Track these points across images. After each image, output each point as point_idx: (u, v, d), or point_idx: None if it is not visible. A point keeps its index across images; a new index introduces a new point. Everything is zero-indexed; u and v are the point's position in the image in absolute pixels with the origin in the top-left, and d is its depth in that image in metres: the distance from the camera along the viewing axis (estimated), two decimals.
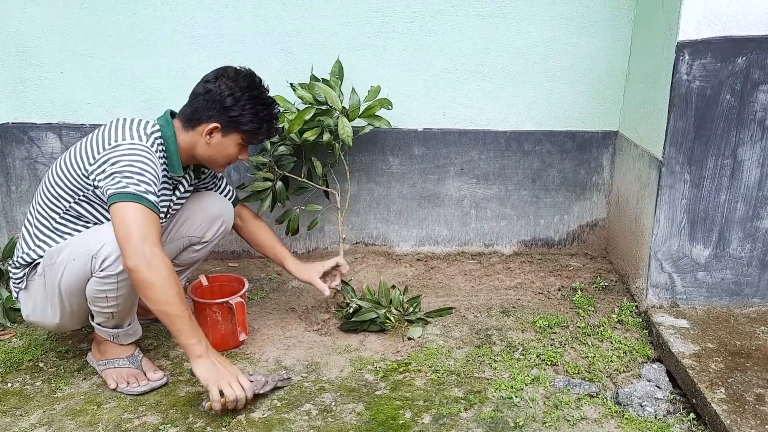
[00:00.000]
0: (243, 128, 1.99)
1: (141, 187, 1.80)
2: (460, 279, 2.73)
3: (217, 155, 2.03)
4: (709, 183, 2.25)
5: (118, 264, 1.82)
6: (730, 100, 2.16)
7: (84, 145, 1.93)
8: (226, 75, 1.98)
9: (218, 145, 2.01)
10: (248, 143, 2.07)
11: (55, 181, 1.95)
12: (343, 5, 2.59)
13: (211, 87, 1.96)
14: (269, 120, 2.03)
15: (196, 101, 1.98)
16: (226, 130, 1.99)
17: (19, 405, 1.95)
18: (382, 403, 1.95)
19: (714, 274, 2.34)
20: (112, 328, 2.00)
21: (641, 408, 1.93)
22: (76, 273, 1.85)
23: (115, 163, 1.83)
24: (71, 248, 1.86)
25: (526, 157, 2.82)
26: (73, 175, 1.91)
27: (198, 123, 1.98)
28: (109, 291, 1.86)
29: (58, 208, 1.94)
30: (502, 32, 2.64)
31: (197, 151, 2.02)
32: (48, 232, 1.96)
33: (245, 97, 1.96)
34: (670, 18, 2.19)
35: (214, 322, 2.17)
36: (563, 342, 2.26)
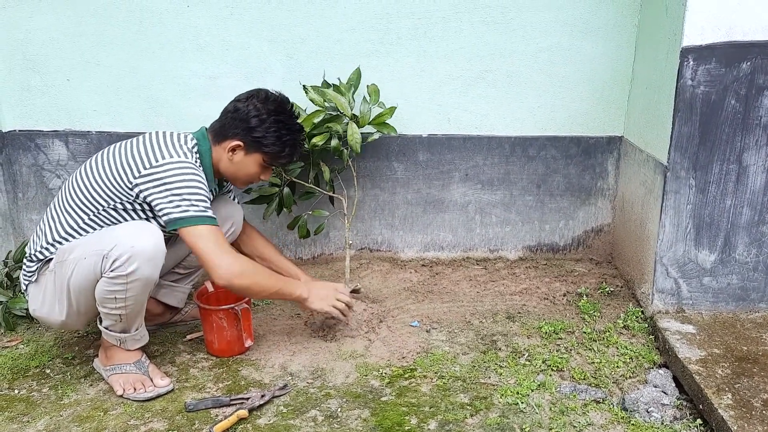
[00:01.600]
0: (265, 150, 2.04)
1: (200, 206, 1.90)
2: (465, 284, 2.73)
3: (239, 173, 2.09)
4: (715, 188, 2.25)
5: (128, 265, 1.83)
6: (735, 105, 2.16)
7: (126, 154, 1.95)
8: (257, 97, 2.05)
9: (240, 163, 2.06)
10: (270, 165, 2.11)
11: (91, 183, 1.96)
12: (347, 12, 2.60)
13: (240, 106, 2.03)
14: (292, 145, 2.09)
15: (225, 118, 2.05)
16: (248, 149, 2.04)
17: (25, 411, 1.96)
18: (388, 409, 1.95)
19: (720, 279, 2.33)
20: (119, 332, 2.00)
21: (648, 414, 1.92)
22: (86, 272, 1.86)
23: (169, 184, 1.88)
24: (83, 247, 1.88)
25: (531, 162, 2.82)
26: (114, 183, 1.93)
27: (224, 139, 2.04)
28: (119, 292, 1.87)
29: (89, 209, 1.96)
30: (506, 38, 2.65)
31: (221, 166, 2.08)
32: (71, 231, 1.97)
33: (270, 120, 2.02)
34: (674, 23, 2.19)
35: (220, 328, 2.17)
36: (569, 347, 2.26)
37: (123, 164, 1.94)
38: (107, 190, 1.94)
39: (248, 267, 1.99)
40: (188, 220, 1.89)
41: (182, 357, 2.23)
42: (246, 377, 2.11)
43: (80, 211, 1.97)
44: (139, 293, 1.90)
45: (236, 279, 1.93)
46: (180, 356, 2.24)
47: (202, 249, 1.90)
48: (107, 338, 2.03)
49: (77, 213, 1.97)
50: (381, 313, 2.49)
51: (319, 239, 2.90)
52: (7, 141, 2.73)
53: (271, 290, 2.04)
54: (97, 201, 1.95)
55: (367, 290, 2.67)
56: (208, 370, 2.15)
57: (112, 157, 1.97)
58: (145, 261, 1.84)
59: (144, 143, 1.97)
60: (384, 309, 2.53)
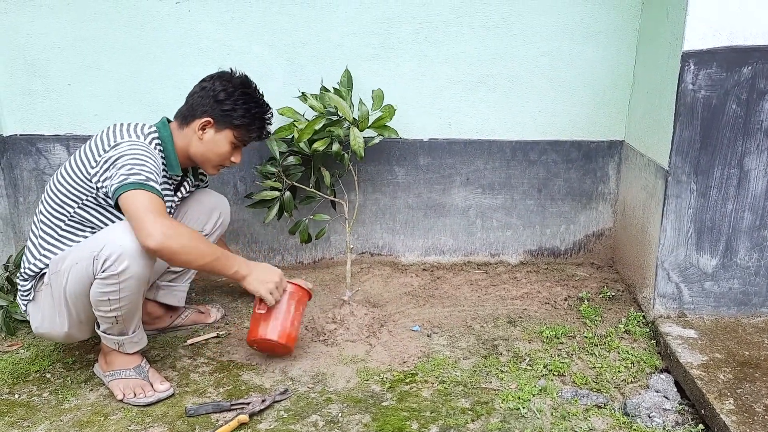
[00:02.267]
0: (235, 122, 2.07)
1: (142, 175, 1.86)
2: (466, 289, 2.73)
3: (210, 153, 2.10)
4: (716, 192, 2.25)
5: (119, 264, 1.81)
6: (736, 109, 2.16)
7: (84, 150, 1.98)
8: (221, 76, 2.12)
9: (210, 142, 2.08)
10: (240, 142, 2.13)
11: (58, 188, 1.98)
12: (348, 16, 2.60)
13: (206, 85, 2.09)
14: (260, 118, 2.13)
15: (192, 99, 2.10)
16: (218, 125, 2.07)
17: (26, 416, 1.95)
18: (389, 414, 1.94)
19: (721, 284, 2.33)
20: (117, 335, 2.00)
21: (649, 419, 1.92)
22: (80, 277, 1.86)
23: (116, 160, 1.88)
24: (75, 253, 1.88)
25: (532, 166, 2.82)
26: (75, 180, 1.95)
27: (192, 119, 2.08)
28: (112, 293, 1.86)
29: (62, 215, 1.98)
30: (507, 42, 2.65)
31: (191, 149, 2.09)
32: (53, 241, 1.98)
33: (238, 93, 2.07)
34: (675, 28, 2.19)
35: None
36: (570, 352, 2.25)
37: (82, 159, 1.96)
38: (72, 189, 1.96)
39: (184, 230, 1.85)
40: (125, 186, 1.82)
41: (183, 362, 2.23)
42: (247, 382, 2.10)
43: (56, 219, 1.99)
44: (132, 293, 1.88)
45: (169, 240, 1.79)
46: (180, 361, 2.23)
47: (133, 211, 1.80)
48: (105, 342, 2.03)
49: (53, 222, 1.99)
50: (382, 317, 2.49)
51: (320, 244, 2.90)
52: (9, 145, 2.73)
53: (207, 259, 1.88)
54: (67, 204, 1.97)
55: (368, 295, 2.67)
56: (208, 375, 2.15)
57: (75, 157, 2.00)
58: (135, 258, 1.82)
59: (101, 135, 1.99)
60: (385, 313, 2.53)
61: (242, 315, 2.53)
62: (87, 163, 1.94)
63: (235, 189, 2.81)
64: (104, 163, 1.90)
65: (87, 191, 1.95)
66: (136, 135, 1.97)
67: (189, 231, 1.88)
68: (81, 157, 1.97)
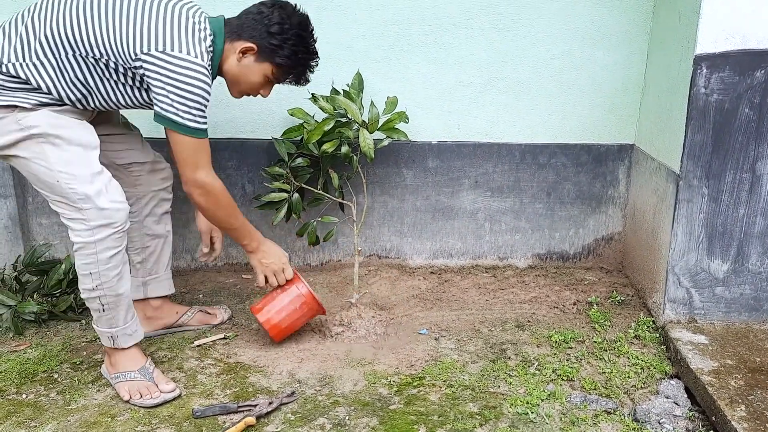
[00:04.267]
0: (276, 60, 1.97)
1: (197, 117, 1.86)
2: (474, 292, 2.71)
3: (242, 78, 2.01)
4: (728, 197, 2.23)
5: (92, 233, 1.87)
6: (749, 113, 2.14)
7: (137, 20, 1.81)
8: (283, 6, 1.98)
9: (246, 68, 1.98)
10: (275, 80, 2.04)
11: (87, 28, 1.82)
12: (358, 19, 2.60)
13: (264, 10, 1.96)
14: (304, 65, 2.03)
15: (245, 18, 1.96)
16: (260, 55, 1.96)
17: (33, 416, 1.95)
18: (396, 417, 1.93)
19: (733, 289, 2.31)
20: (108, 328, 2.00)
21: (659, 425, 1.90)
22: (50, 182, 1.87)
23: (177, 82, 1.80)
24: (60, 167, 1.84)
25: (541, 170, 2.80)
26: (113, 41, 1.82)
27: (238, 38, 1.95)
28: (91, 265, 1.89)
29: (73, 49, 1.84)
30: (517, 45, 2.64)
31: (225, 65, 1.99)
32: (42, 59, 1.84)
33: (292, 33, 1.95)
34: (687, 31, 2.17)
35: None
36: (579, 357, 2.23)
37: (130, 30, 1.81)
38: (102, 45, 1.82)
39: (222, 190, 2.00)
40: (180, 127, 1.85)
41: (190, 363, 2.22)
42: (254, 384, 2.10)
43: (62, 48, 1.84)
44: (110, 269, 1.91)
45: (196, 195, 1.95)
46: (188, 362, 2.23)
47: (186, 155, 1.90)
48: (102, 341, 2.04)
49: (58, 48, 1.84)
50: (389, 320, 2.48)
51: (328, 246, 2.89)
52: None
53: (233, 221, 2.07)
54: (85, 47, 1.83)
55: (375, 297, 2.66)
56: (215, 377, 2.14)
57: (119, 11, 1.82)
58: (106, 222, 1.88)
59: (160, 17, 1.82)
60: (392, 316, 2.52)
61: (249, 317, 2.52)
62: (138, 43, 1.80)
63: (243, 190, 2.81)
64: (164, 69, 1.80)
65: (120, 59, 1.83)
66: (200, 52, 1.83)
67: (227, 194, 2.02)
68: (132, 27, 1.80)
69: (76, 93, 1.89)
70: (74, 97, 1.90)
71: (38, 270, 2.56)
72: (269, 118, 2.72)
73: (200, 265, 2.91)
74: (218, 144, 2.74)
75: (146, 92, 1.92)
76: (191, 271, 2.91)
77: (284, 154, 2.53)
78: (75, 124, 1.91)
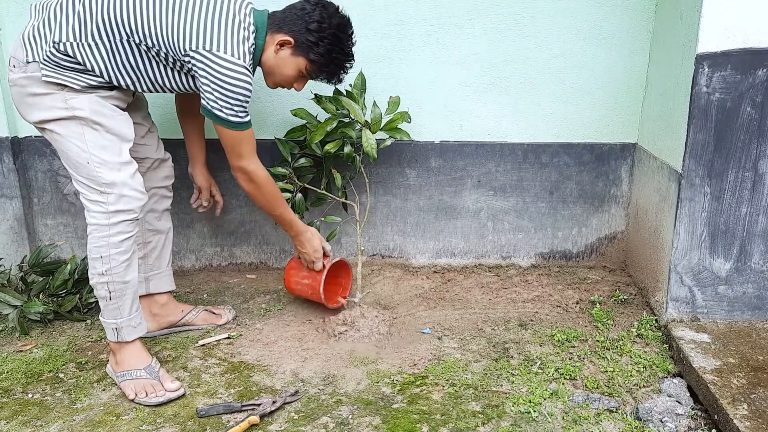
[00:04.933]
0: (311, 56, 2.04)
1: (239, 112, 1.96)
2: (477, 291, 2.72)
3: (276, 69, 2.08)
4: (730, 196, 2.23)
5: (108, 217, 1.96)
6: (751, 112, 2.14)
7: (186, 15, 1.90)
8: (326, 6, 2.05)
9: (282, 61, 2.05)
10: (309, 75, 2.10)
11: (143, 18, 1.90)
12: (360, 18, 2.60)
13: (308, 7, 2.03)
14: (338, 64, 2.10)
15: (289, 12, 2.05)
16: (297, 49, 2.03)
17: (39, 416, 1.97)
18: (399, 416, 1.94)
19: (735, 288, 2.31)
20: (113, 319, 2.04)
21: (662, 424, 1.90)
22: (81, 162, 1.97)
23: (222, 83, 1.90)
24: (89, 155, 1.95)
25: (544, 169, 2.81)
26: (165, 35, 1.91)
27: (278, 31, 2.03)
28: (102, 248, 1.97)
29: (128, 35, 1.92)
30: (519, 45, 2.64)
31: (264, 56, 2.06)
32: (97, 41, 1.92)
33: (330, 32, 2.02)
34: (689, 30, 2.18)
35: None
36: (582, 356, 2.24)
37: (181, 26, 1.90)
38: (156, 36, 1.91)
39: (266, 178, 2.13)
40: (224, 121, 1.96)
41: (194, 362, 2.24)
42: (258, 383, 2.11)
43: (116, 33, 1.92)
44: (120, 253, 1.99)
45: (249, 180, 2.10)
46: (192, 361, 2.24)
47: (230, 148, 2.04)
48: (107, 334, 2.08)
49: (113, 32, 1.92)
50: (392, 319, 2.49)
51: (331, 245, 2.89)
52: (23, 147, 2.75)
53: (275, 208, 2.22)
54: (139, 35, 1.91)
55: (378, 297, 2.67)
56: (219, 376, 2.15)
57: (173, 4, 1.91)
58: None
59: (209, 14, 1.91)
60: (395, 315, 2.53)
61: (253, 316, 2.54)
62: (187, 39, 1.89)
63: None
64: (209, 68, 1.90)
65: (170, 51, 1.93)
66: (242, 53, 1.92)
67: (266, 183, 2.14)
68: (182, 23, 1.90)
69: (126, 77, 1.99)
70: (123, 81, 1.99)
71: (44, 270, 2.58)
72: (272, 118, 2.73)
73: (204, 265, 2.92)
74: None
75: (193, 80, 2.02)
76: (195, 270, 2.92)
77: (287, 154, 2.54)
78: (117, 113, 2.01)
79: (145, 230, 2.30)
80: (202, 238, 2.89)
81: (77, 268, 2.54)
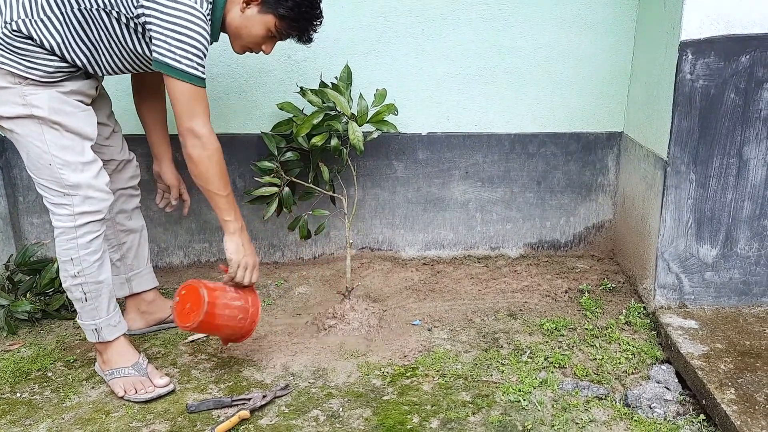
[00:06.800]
0: (280, 12, 1.92)
1: (194, 62, 1.83)
2: (466, 283, 2.73)
3: (244, 30, 1.96)
4: (715, 182, 2.24)
5: (74, 219, 1.91)
6: (735, 98, 2.15)
7: None
8: None
9: (249, 20, 1.94)
10: (278, 34, 1.97)
11: None
12: (344, 11, 2.60)
13: None
14: (307, 19, 1.97)
15: None
16: (264, 6, 1.92)
17: (28, 415, 1.96)
18: (390, 408, 1.94)
19: (722, 274, 2.32)
20: (91, 320, 2.01)
21: (650, 410, 1.92)
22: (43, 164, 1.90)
23: (174, 26, 1.79)
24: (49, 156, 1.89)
25: (531, 159, 2.81)
26: None
27: None
28: (72, 250, 1.94)
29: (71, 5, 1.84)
30: (504, 35, 2.64)
31: (229, 17, 1.95)
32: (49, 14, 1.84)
33: None
34: (672, 17, 2.18)
35: None
36: (571, 344, 2.25)
37: None
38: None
39: (218, 147, 1.95)
40: (178, 72, 1.83)
41: (183, 359, 2.23)
42: (248, 378, 2.10)
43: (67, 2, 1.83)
44: (90, 255, 1.95)
45: (189, 145, 1.90)
46: (181, 358, 2.24)
47: (182, 106, 1.86)
48: (87, 336, 2.06)
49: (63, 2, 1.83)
50: (382, 312, 2.49)
51: (320, 239, 2.90)
52: (7, 144, 2.72)
53: (222, 187, 1.98)
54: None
55: (368, 290, 2.67)
56: (209, 372, 2.15)
57: None
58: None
59: None
60: (385, 308, 2.53)
61: None
62: None
63: (234, 185, 2.78)
64: (161, 13, 1.79)
65: (124, 8, 1.83)
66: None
67: (215, 152, 1.95)
68: None
69: (81, 54, 1.89)
70: (79, 60, 1.90)
71: (30, 269, 2.56)
72: (258, 112, 2.72)
73: (193, 261, 2.91)
74: None
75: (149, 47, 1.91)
76: (184, 267, 2.91)
77: (274, 148, 2.53)
78: (79, 110, 1.93)
79: (117, 231, 2.26)
80: (190, 234, 2.88)
81: None
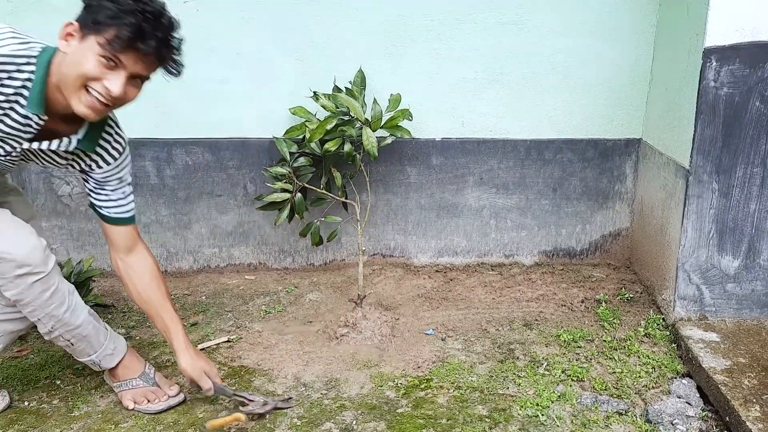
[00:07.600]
0: (99, 21, 1.48)
1: None
2: (480, 291, 2.68)
3: (69, 69, 1.52)
4: (738, 192, 2.19)
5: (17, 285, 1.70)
6: (760, 107, 2.10)
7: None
8: None
9: (73, 56, 1.51)
10: (111, 52, 1.49)
11: None
12: (359, 15, 2.56)
13: None
14: (132, 12, 1.47)
15: None
16: (83, 30, 1.50)
17: (35, 424, 1.92)
18: (404, 421, 1.90)
19: (744, 286, 2.27)
20: (87, 357, 1.93)
21: (672, 426, 1.86)
22: None
23: None
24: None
25: (547, 165, 2.76)
26: None
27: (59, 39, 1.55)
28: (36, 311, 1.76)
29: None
30: (521, 40, 2.60)
31: (60, 72, 1.55)
32: None
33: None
34: (696, 23, 2.13)
35: None
36: (589, 357, 2.20)
37: None
38: None
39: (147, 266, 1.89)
40: None
41: None
42: (258, 388, 2.06)
43: None
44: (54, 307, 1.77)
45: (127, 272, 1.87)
46: None
47: None
48: (90, 367, 1.99)
49: None
50: (395, 320, 2.45)
51: (331, 245, 2.86)
52: None
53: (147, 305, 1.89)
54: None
55: (380, 297, 2.63)
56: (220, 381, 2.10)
57: None
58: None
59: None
60: (398, 316, 2.48)
61: (253, 319, 2.49)
62: None
63: (245, 190, 2.77)
64: None
65: None
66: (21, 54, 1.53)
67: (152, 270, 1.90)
68: None
69: None
70: None
71: None
72: (270, 116, 2.68)
73: (202, 266, 2.88)
74: (219, 144, 2.70)
75: None
76: (194, 272, 2.87)
77: (286, 153, 2.49)
78: None
79: None
80: (200, 239, 2.84)
81: (73, 271, 2.48)
